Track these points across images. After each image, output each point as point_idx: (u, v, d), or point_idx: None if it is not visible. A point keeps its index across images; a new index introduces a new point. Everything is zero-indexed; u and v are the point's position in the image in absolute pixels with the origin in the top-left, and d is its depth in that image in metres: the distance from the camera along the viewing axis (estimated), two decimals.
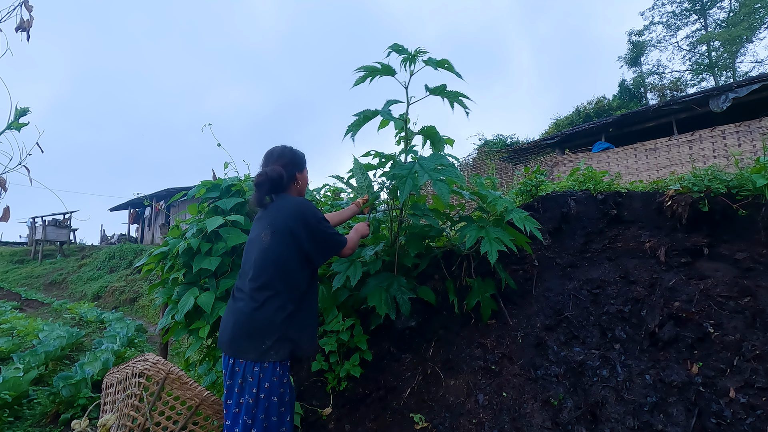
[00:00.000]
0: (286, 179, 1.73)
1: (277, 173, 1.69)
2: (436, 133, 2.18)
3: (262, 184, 1.67)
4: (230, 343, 1.52)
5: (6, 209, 1.89)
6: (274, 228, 1.62)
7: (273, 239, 1.60)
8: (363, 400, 2.28)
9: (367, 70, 2.02)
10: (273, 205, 1.71)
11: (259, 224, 1.72)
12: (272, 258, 1.58)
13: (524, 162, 12.72)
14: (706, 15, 22.93)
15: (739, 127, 8.04)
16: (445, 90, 2.03)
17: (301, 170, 1.82)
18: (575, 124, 16.49)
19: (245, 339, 1.50)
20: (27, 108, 1.76)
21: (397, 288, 2.22)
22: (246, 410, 1.46)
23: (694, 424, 1.62)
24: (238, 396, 1.48)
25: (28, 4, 2.01)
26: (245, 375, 1.48)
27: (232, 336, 1.52)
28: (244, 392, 1.47)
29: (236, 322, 1.54)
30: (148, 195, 19.23)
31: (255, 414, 1.46)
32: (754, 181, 2.15)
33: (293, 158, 1.80)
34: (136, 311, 10.90)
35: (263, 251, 1.60)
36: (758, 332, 1.77)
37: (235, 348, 1.51)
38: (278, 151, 1.79)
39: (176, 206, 18.53)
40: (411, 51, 1.98)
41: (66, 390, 3.09)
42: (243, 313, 1.53)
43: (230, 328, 1.54)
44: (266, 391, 1.48)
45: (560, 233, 2.72)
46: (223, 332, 1.59)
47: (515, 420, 1.89)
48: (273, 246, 1.59)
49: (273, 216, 1.66)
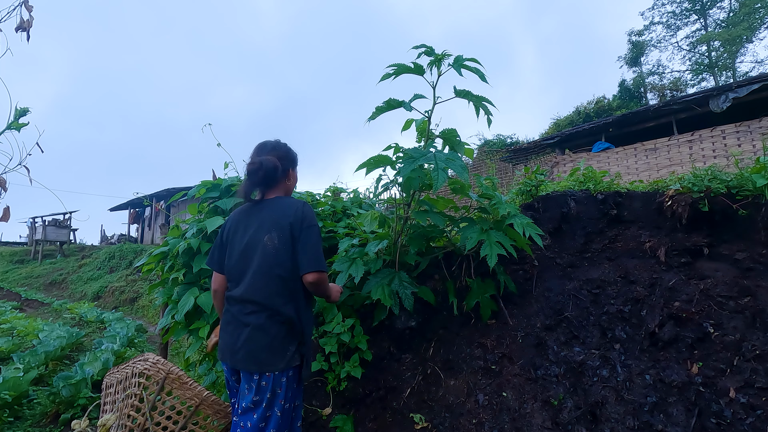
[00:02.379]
0: (281, 172, 1.64)
1: (273, 164, 1.59)
2: (455, 137, 2.19)
3: (254, 172, 1.55)
4: (248, 359, 1.44)
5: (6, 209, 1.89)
6: (281, 231, 1.51)
7: (281, 243, 1.50)
8: (363, 400, 2.28)
9: (398, 67, 2.09)
10: (270, 204, 1.60)
11: (254, 225, 1.57)
12: (280, 263, 1.49)
13: (524, 162, 12.73)
14: (706, 15, 22.93)
15: (739, 127, 8.03)
16: (471, 94, 2.08)
17: (294, 167, 1.76)
18: (575, 124, 16.49)
19: (268, 352, 1.43)
20: (27, 108, 1.76)
21: (399, 283, 2.22)
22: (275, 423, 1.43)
23: (694, 424, 1.62)
24: (265, 410, 1.42)
25: (28, 4, 2.01)
26: (274, 388, 1.43)
27: (249, 351, 1.44)
28: (274, 404, 1.43)
29: (251, 337, 1.44)
30: (148, 195, 19.23)
31: (293, 422, 1.49)
32: (754, 181, 2.15)
33: (288, 153, 1.72)
34: (136, 311, 10.90)
35: (272, 256, 1.49)
36: (758, 332, 1.77)
37: (259, 362, 1.43)
38: (272, 144, 1.72)
39: (176, 206, 18.53)
40: (438, 53, 2.06)
41: (66, 390, 3.09)
42: (259, 327, 1.45)
43: (246, 343, 1.45)
44: (290, 399, 1.48)
45: (560, 233, 2.72)
46: (232, 346, 1.47)
47: (515, 420, 1.89)
48: (282, 250, 1.49)
49: (275, 217, 1.54)
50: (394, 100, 2.08)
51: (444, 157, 1.93)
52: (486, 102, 2.07)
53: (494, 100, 2.05)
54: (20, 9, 1.98)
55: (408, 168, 1.90)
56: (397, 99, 2.09)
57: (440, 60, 2.04)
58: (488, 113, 2.09)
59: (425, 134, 2.24)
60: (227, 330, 1.53)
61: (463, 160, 2.01)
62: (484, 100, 2.07)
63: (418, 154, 1.96)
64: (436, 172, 1.85)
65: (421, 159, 1.93)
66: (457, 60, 2.05)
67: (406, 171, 1.90)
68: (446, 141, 2.25)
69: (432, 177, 1.87)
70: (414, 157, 1.94)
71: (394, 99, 2.09)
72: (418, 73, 2.10)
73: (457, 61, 2.05)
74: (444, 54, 2.04)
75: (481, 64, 2.06)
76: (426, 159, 1.92)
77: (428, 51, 2.06)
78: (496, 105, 2.08)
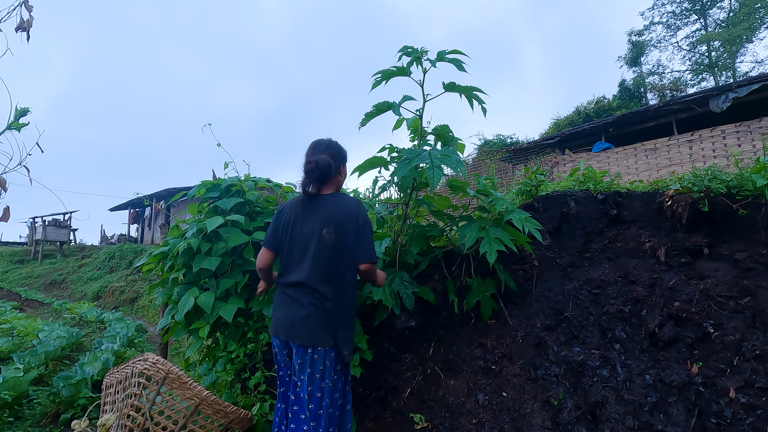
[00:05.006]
0: (334, 170, 1.78)
1: (327, 162, 1.73)
2: (448, 133, 2.20)
3: (312, 171, 1.71)
4: (308, 334, 1.62)
5: (6, 209, 1.88)
6: (338, 226, 1.67)
7: (338, 238, 1.66)
8: (363, 400, 2.28)
9: (383, 74, 2.11)
10: (327, 200, 1.75)
11: (311, 218, 1.73)
12: (337, 257, 1.66)
13: (524, 162, 12.72)
14: (706, 15, 22.93)
15: (739, 127, 8.03)
16: (458, 86, 2.08)
17: (344, 164, 1.89)
18: (575, 124, 16.49)
19: (321, 330, 1.62)
20: (27, 108, 1.76)
21: (399, 283, 2.23)
22: (329, 392, 1.62)
23: (694, 424, 1.62)
24: (319, 381, 1.61)
25: (28, 4, 2.01)
26: (325, 361, 1.61)
27: (310, 328, 1.62)
28: (325, 377, 1.62)
29: (310, 315, 1.63)
30: (148, 195, 19.23)
31: (333, 395, 1.63)
32: (754, 181, 2.15)
33: (340, 151, 1.86)
34: (136, 311, 10.90)
35: (328, 248, 1.66)
36: (758, 332, 1.77)
37: (315, 338, 1.62)
38: (326, 143, 1.85)
39: (176, 206, 18.53)
40: (418, 49, 2.08)
41: (66, 390, 3.09)
42: (315, 306, 1.64)
43: (304, 321, 1.63)
44: (338, 372, 1.65)
45: (560, 233, 2.72)
46: (293, 324, 1.66)
47: (515, 420, 1.89)
48: (338, 244, 1.66)
49: (332, 213, 1.69)
50: (384, 103, 2.11)
51: (438, 154, 1.93)
52: (477, 91, 2.05)
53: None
54: (20, 9, 1.98)
55: (403, 169, 1.90)
56: (388, 101, 2.11)
57: (419, 57, 2.05)
58: (481, 102, 2.08)
59: (418, 133, 2.24)
60: (283, 309, 1.72)
61: (459, 155, 2.00)
62: (474, 89, 2.05)
63: (412, 155, 1.96)
64: (431, 171, 1.85)
65: (415, 159, 1.93)
66: (438, 55, 2.06)
67: (401, 172, 1.90)
68: (439, 137, 2.26)
69: (427, 176, 1.87)
70: (409, 158, 1.93)
71: (383, 102, 2.11)
72: (404, 74, 2.11)
73: (439, 55, 2.06)
74: (422, 51, 2.05)
75: (465, 54, 2.06)
76: (420, 159, 1.91)
77: (409, 51, 2.08)
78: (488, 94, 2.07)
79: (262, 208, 2.75)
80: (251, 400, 2.39)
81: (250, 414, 2.08)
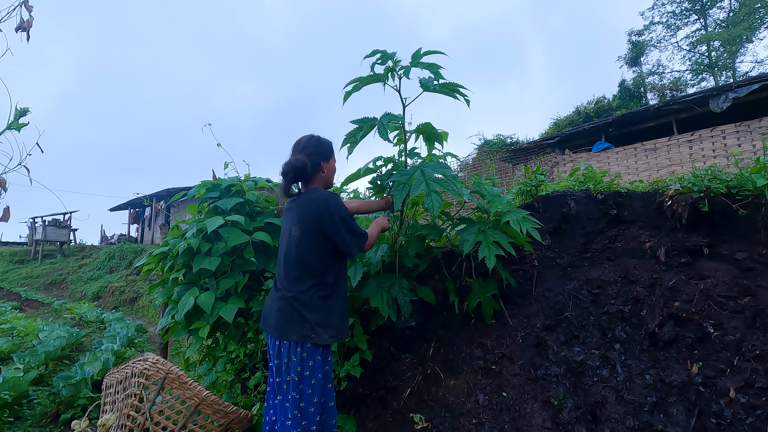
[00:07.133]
0: (310, 168, 1.77)
1: (302, 162, 1.74)
2: (432, 130, 2.19)
3: (287, 173, 1.73)
4: (276, 327, 1.67)
5: (6, 209, 1.88)
6: (303, 223, 1.69)
7: (303, 235, 1.68)
8: (363, 400, 2.28)
9: (359, 81, 2.08)
10: (301, 198, 1.77)
11: (288, 217, 1.80)
12: (302, 253, 1.68)
13: (524, 162, 12.73)
14: (706, 15, 22.92)
15: (739, 127, 8.03)
16: (435, 84, 2.02)
17: (327, 159, 1.85)
18: (575, 124, 16.49)
19: (287, 323, 1.65)
20: (27, 108, 1.76)
21: (398, 290, 2.22)
22: (294, 386, 1.61)
23: (694, 424, 1.62)
24: (285, 374, 1.64)
25: (28, 4, 2.01)
26: (290, 355, 1.63)
27: (277, 321, 1.67)
28: (290, 371, 1.63)
29: (280, 308, 1.68)
30: (148, 195, 19.22)
31: (301, 390, 1.61)
32: (754, 181, 2.14)
33: (318, 147, 1.83)
34: (136, 311, 10.89)
35: (295, 246, 1.70)
36: (758, 332, 1.77)
37: (281, 331, 1.65)
38: (304, 141, 1.84)
39: (176, 206, 18.53)
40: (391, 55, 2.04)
41: (66, 390, 3.09)
42: (284, 300, 1.68)
43: (275, 314, 1.69)
44: (311, 369, 1.62)
45: (560, 233, 2.72)
46: (268, 316, 1.74)
47: (515, 420, 1.89)
48: (303, 241, 1.68)
49: (301, 211, 1.72)
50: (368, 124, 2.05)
51: (432, 175, 1.89)
52: (457, 86, 2.00)
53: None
54: (20, 9, 1.98)
55: (399, 198, 1.88)
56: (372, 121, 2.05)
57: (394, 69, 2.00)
58: (462, 95, 2.03)
59: (402, 139, 2.23)
60: (266, 303, 1.80)
61: (452, 169, 1.97)
62: (456, 85, 2.00)
63: (404, 178, 1.92)
64: (428, 198, 1.82)
65: (408, 183, 1.89)
66: (413, 59, 2.01)
67: (398, 201, 1.88)
68: (425, 135, 2.26)
69: (425, 204, 1.84)
70: (402, 182, 1.90)
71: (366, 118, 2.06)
72: (380, 81, 2.05)
73: (414, 60, 2.02)
74: (395, 61, 2.00)
75: (445, 53, 2.02)
76: (416, 186, 1.85)
77: (381, 59, 2.04)
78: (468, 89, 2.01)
79: (262, 208, 2.75)
80: (251, 400, 2.40)
81: (250, 414, 2.08)
